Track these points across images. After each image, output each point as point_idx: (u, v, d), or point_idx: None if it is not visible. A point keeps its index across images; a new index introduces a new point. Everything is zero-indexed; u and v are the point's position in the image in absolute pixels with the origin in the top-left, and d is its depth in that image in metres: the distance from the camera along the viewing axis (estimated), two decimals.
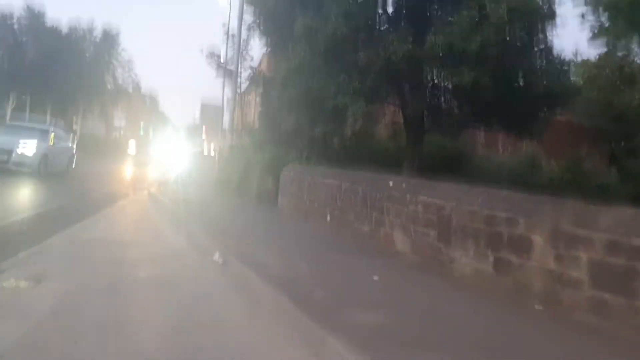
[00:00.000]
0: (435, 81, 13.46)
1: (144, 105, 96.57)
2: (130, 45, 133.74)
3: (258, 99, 20.66)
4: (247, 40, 17.69)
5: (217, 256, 7.08)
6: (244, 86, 20.04)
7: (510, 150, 26.87)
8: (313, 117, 14.69)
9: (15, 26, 41.19)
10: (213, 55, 18.36)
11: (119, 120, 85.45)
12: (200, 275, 6.26)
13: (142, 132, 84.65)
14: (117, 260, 6.62)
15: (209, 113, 45.98)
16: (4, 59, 40.63)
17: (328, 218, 10.19)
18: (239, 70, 17.82)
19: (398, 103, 16.13)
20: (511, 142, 26.14)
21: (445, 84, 13.56)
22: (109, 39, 44.76)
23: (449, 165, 19.51)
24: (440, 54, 11.96)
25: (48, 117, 45.27)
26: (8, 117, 41.10)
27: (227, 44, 18.58)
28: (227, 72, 18.13)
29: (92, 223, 9.34)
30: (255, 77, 17.83)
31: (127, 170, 26.84)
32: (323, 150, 17.95)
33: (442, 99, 14.64)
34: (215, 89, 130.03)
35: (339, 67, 13.38)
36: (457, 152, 19.77)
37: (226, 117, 52.85)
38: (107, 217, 10.19)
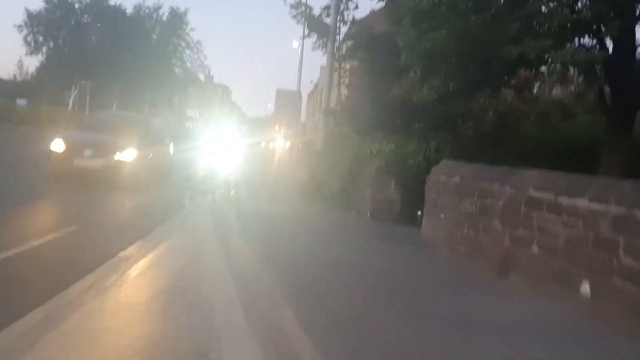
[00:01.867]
0: None
1: (216, 95, 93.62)
2: (200, 30, 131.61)
3: (358, 69, 15.06)
4: None
5: None
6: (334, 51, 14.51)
7: None
8: (470, 78, 8.98)
9: (77, 5, 37.79)
10: (300, 5, 12.96)
11: (192, 110, 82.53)
12: None
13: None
14: None
15: (285, 100, 40.92)
16: (65, 41, 37.36)
17: (585, 290, 4.49)
18: (337, 24, 12.33)
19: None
20: None
21: None
22: (176, 18, 40.61)
23: None
24: None
25: (114, 105, 42.16)
26: (70, 104, 38.02)
27: None
28: (320, 27, 12.74)
29: (90, 291, 4.19)
30: (361, 35, 12.19)
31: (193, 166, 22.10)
32: (451, 139, 12.22)
33: None
34: (293, 74, 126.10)
35: None
36: None
37: (305, 103, 47.51)
38: (127, 269, 5.01)
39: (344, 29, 13.28)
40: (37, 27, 36.50)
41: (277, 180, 17.02)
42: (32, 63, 40.35)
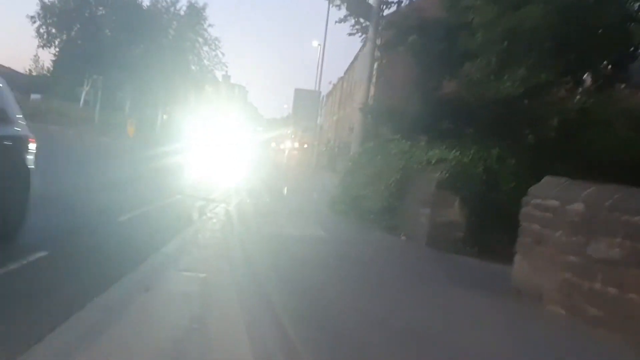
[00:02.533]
0: None
1: (232, 94, 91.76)
2: (217, 28, 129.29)
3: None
4: None
5: None
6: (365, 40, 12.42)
7: None
8: (569, 68, 6.90)
9: None
10: None
11: (207, 109, 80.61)
12: None
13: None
14: None
15: (304, 100, 39.01)
16: (78, 34, 35.81)
17: None
18: (381, 5, 10.27)
19: None
20: None
21: None
22: (194, 13, 38.81)
23: None
24: None
25: (127, 104, 40.66)
26: (82, 100, 36.45)
27: None
28: (361, 8, 10.71)
29: None
30: (410, 19, 10.08)
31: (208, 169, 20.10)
32: (511, 146, 10.14)
33: None
34: (310, 76, 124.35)
35: None
36: None
37: (321, 104, 45.52)
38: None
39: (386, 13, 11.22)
40: (50, 18, 34.94)
41: (299, 188, 15.02)
42: (48, 57, 38.66)
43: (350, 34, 11.78)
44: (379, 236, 7.83)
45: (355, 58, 37.52)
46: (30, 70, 45.74)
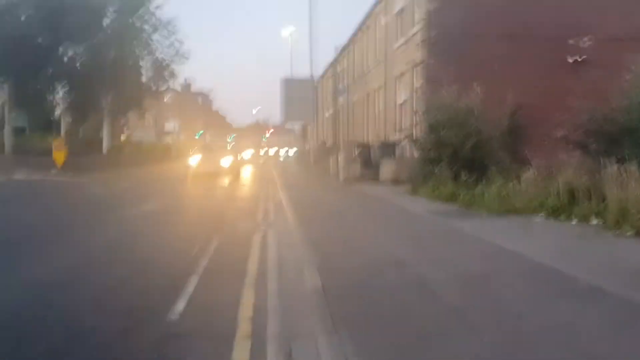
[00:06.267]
0: None
1: (196, 104, 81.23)
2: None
3: None
4: None
5: None
6: None
7: None
8: None
9: None
10: None
11: (169, 123, 69.95)
12: None
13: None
14: None
15: (296, 92, 29.47)
16: None
17: None
18: None
19: None
20: None
21: None
22: None
23: None
24: None
25: (60, 115, 31.43)
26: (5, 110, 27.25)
27: None
28: None
29: None
30: None
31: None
32: None
33: None
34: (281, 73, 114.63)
35: None
36: None
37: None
38: None
39: None
40: None
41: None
42: None
43: None
44: None
45: (362, 26, 28.79)
46: None
